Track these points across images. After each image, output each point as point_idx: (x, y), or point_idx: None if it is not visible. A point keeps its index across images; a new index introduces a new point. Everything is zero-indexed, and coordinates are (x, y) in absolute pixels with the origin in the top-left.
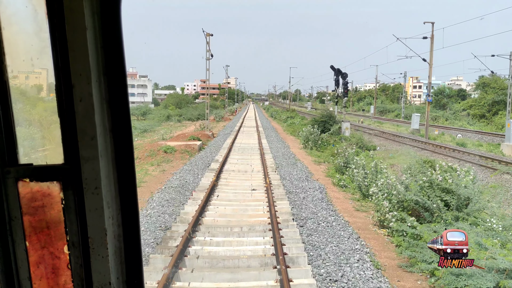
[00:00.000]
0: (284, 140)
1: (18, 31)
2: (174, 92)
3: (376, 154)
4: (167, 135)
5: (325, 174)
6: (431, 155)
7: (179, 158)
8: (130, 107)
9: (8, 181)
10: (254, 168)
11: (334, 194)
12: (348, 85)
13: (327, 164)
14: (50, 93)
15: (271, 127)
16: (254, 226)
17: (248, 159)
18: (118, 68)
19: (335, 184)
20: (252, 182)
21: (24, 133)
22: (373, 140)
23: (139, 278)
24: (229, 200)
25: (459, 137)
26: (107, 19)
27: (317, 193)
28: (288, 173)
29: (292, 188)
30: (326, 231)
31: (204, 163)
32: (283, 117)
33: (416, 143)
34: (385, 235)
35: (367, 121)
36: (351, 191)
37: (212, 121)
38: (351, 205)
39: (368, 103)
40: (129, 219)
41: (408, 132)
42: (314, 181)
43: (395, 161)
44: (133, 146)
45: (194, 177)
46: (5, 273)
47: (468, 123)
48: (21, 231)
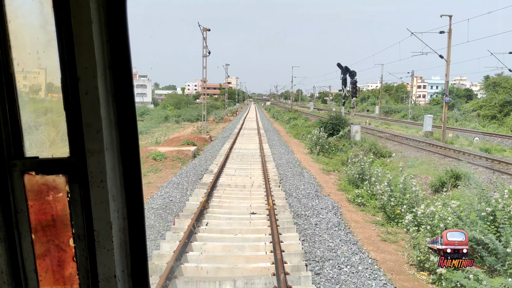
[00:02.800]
0: (288, 144)
1: (24, 24)
2: (173, 92)
3: (392, 162)
4: (162, 138)
5: (336, 186)
6: (458, 163)
7: (169, 167)
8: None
9: (14, 174)
10: (255, 181)
11: (352, 215)
12: (357, 84)
13: (338, 174)
14: (49, 93)
15: (273, 129)
16: (252, 279)
17: (247, 169)
18: (124, 62)
19: (350, 201)
20: (251, 202)
21: (29, 126)
22: (385, 144)
23: (144, 271)
24: (221, 231)
25: (476, 141)
26: (113, 12)
27: (331, 215)
28: (294, 187)
29: (301, 209)
30: (351, 281)
31: (196, 174)
32: (285, 118)
33: (434, 148)
34: (429, 282)
35: (374, 123)
36: (371, 210)
37: (211, 123)
38: (375, 233)
39: (371, 103)
40: (134, 212)
41: (420, 134)
42: (325, 197)
43: (416, 171)
44: (138, 139)
45: (181, 193)
46: (11, 265)
47: (480, 124)
48: (27, 224)
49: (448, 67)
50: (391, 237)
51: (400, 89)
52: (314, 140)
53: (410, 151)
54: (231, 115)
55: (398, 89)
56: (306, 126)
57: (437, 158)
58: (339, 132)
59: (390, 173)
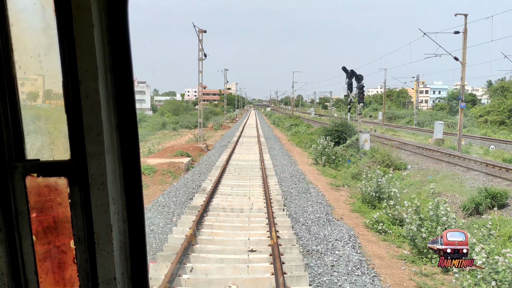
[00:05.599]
0: (290, 153)
1: (26, 27)
2: (170, 98)
3: (409, 175)
4: (155, 147)
5: (349, 206)
6: (487, 178)
7: (158, 182)
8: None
9: (15, 176)
10: (254, 203)
11: (373, 248)
12: (364, 88)
13: (348, 190)
14: (46, 100)
15: (273, 137)
16: None
17: (246, 185)
18: (125, 65)
19: (368, 227)
20: (249, 234)
21: (31, 129)
22: (398, 154)
23: (143, 273)
24: (208, 282)
25: (492, 149)
26: (114, 16)
27: (349, 249)
28: (301, 209)
29: (311, 241)
30: None
31: (187, 193)
32: (286, 124)
33: (452, 158)
34: None
35: (379, 129)
36: (395, 240)
37: (210, 130)
38: (407, 274)
39: (373, 109)
40: (134, 215)
41: (431, 142)
42: (338, 221)
43: (439, 187)
44: (139, 142)
45: (166, 220)
46: (12, 267)
47: (491, 131)
48: (28, 226)
49: (464, 70)
50: (429, 282)
51: (401, 95)
52: (320, 150)
53: (427, 162)
54: (230, 122)
55: (399, 94)
56: (308, 133)
57: (460, 171)
58: (346, 141)
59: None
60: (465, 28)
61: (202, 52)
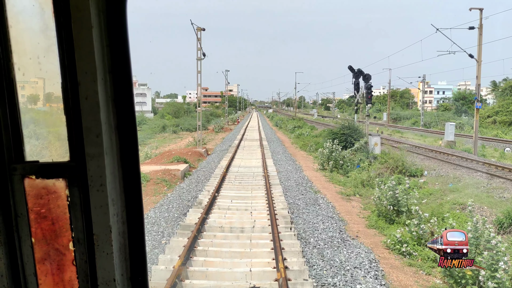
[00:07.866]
0: (294, 158)
1: (25, 29)
2: (171, 101)
3: (427, 183)
4: (152, 152)
5: (364, 221)
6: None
7: (151, 193)
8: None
9: (14, 178)
10: (257, 220)
11: (400, 277)
12: (372, 88)
13: (361, 199)
14: (47, 103)
15: (276, 139)
16: None
17: (247, 197)
18: (123, 66)
19: (390, 248)
20: (251, 264)
21: (30, 131)
22: (409, 158)
23: (143, 275)
24: None
25: (507, 151)
26: (113, 17)
27: (371, 280)
28: (311, 226)
29: (325, 271)
30: None
31: (181, 207)
32: (289, 126)
33: (469, 163)
34: None
35: (385, 131)
36: (423, 266)
37: (211, 132)
38: None
39: (377, 110)
40: (134, 216)
41: (441, 144)
42: (354, 240)
43: (462, 197)
44: (138, 143)
45: (154, 242)
46: (11, 269)
47: (503, 132)
48: (27, 228)
49: (479, 68)
50: None
51: (405, 95)
52: (326, 154)
53: (444, 168)
54: (232, 124)
55: (402, 94)
56: (313, 135)
57: (483, 179)
58: (353, 144)
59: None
60: (481, 23)
61: (200, 52)
